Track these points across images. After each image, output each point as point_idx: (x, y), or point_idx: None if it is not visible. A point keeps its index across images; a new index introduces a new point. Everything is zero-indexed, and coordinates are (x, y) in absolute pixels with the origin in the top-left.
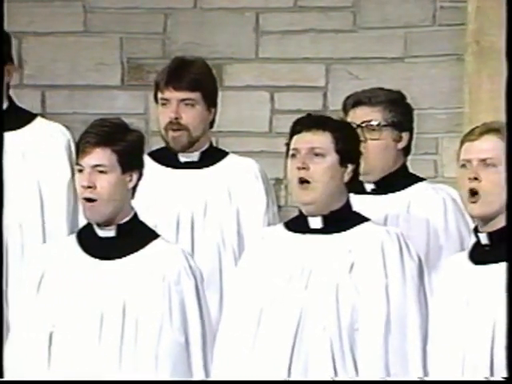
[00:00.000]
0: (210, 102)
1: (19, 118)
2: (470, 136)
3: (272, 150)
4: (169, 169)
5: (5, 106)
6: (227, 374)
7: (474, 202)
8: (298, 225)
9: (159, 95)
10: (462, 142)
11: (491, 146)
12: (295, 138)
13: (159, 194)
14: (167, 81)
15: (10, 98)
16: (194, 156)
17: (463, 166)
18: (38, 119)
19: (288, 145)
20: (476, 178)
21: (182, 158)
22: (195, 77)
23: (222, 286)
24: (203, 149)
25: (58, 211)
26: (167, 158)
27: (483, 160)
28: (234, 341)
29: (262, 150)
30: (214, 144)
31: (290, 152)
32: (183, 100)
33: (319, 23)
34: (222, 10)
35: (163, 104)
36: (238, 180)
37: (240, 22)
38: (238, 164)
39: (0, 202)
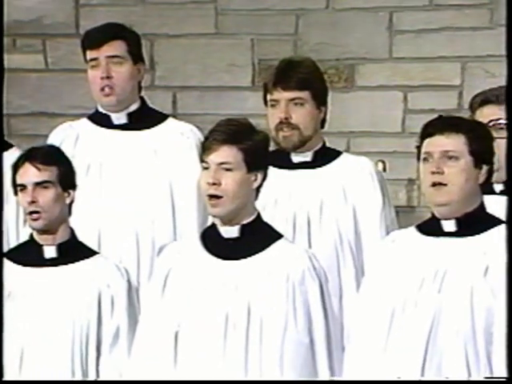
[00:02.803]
0: (320, 100)
1: (151, 117)
2: None
3: (405, 151)
4: (282, 170)
5: (136, 106)
6: (359, 376)
7: None
8: (431, 227)
9: (268, 97)
10: None
11: None
12: (427, 141)
13: (274, 194)
14: (275, 82)
15: (142, 99)
16: (307, 156)
17: None
18: (170, 119)
19: (419, 148)
20: None
21: (295, 159)
22: (303, 76)
23: (340, 284)
24: (316, 148)
25: (188, 209)
26: (280, 159)
27: None
28: (366, 344)
29: (395, 151)
30: (346, 145)
31: (422, 155)
32: (292, 100)
33: (455, 21)
34: (355, 9)
35: (272, 105)
36: (352, 178)
37: (373, 22)
38: (353, 163)
39: (0, 203)
